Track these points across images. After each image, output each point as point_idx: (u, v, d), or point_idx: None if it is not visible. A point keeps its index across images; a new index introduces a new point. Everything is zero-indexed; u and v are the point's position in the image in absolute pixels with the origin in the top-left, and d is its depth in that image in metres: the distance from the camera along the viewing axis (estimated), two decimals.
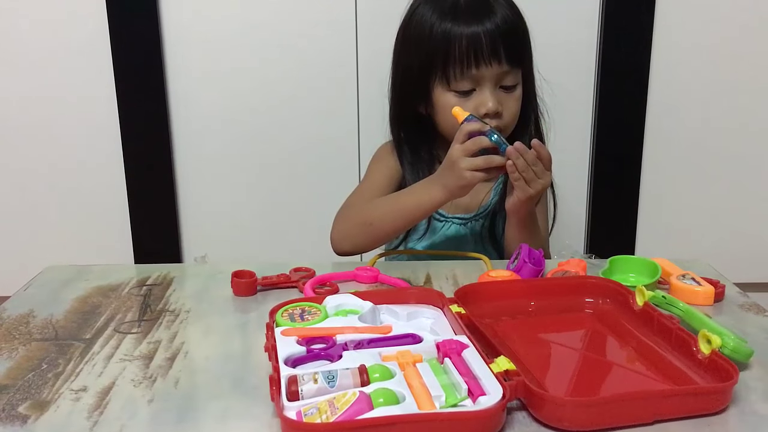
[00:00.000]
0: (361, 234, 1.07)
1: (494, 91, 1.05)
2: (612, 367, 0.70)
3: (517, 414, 0.61)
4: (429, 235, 1.15)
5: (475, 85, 1.05)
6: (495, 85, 1.05)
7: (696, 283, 0.85)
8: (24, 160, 1.56)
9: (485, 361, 0.63)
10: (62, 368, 0.70)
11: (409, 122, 1.13)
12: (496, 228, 1.16)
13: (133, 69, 1.50)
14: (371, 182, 1.15)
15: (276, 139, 1.55)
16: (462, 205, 1.14)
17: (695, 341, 0.67)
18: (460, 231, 1.15)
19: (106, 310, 0.84)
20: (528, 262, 0.89)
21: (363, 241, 1.07)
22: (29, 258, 1.46)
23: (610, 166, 1.56)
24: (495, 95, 1.05)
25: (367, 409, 0.57)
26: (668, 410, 0.60)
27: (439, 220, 1.15)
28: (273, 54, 1.50)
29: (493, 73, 1.04)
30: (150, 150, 1.54)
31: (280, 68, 1.51)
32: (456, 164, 0.96)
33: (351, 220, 1.09)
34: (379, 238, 1.08)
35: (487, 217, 1.15)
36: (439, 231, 1.14)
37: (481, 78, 1.04)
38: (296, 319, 0.74)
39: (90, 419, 0.61)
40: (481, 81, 1.04)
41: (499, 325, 0.77)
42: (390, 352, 0.67)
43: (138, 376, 0.69)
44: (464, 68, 1.03)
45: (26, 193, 1.58)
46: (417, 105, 1.11)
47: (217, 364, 0.71)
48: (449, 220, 1.14)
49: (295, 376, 0.61)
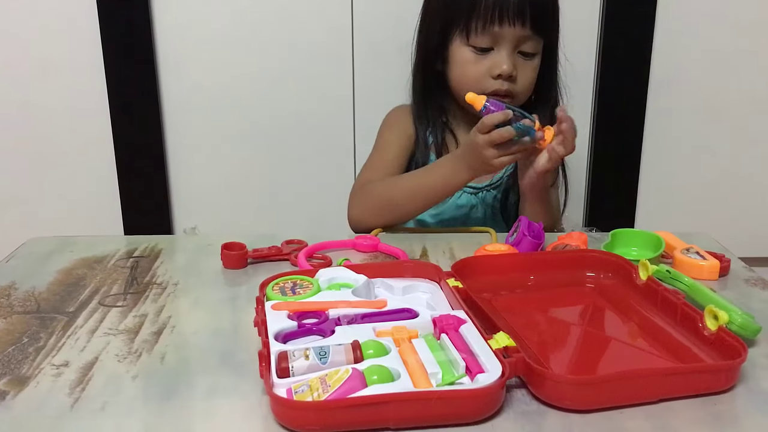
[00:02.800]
0: (384, 214, 1.04)
1: (512, 53, 1.03)
2: (615, 344, 0.68)
3: (516, 392, 0.59)
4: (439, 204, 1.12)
5: (493, 43, 1.03)
6: (514, 48, 1.03)
7: (700, 257, 0.82)
8: (10, 131, 1.52)
9: (483, 338, 0.61)
10: (44, 342, 0.68)
11: (429, 82, 1.12)
12: (508, 200, 1.13)
13: (122, 40, 1.45)
14: (384, 154, 1.13)
15: (268, 109, 1.51)
16: None
17: (701, 317, 0.65)
18: (471, 200, 1.12)
19: (91, 282, 0.82)
20: (527, 235, 0.87)
21: (386, 221, 1.04)
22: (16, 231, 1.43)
23: (611, 136, 1.53)
24: (512, 58, 1.03)
25: (361, 387, 0.54)
26: (674, 388, 0.57)
27: None
28: (265, 24, 1.46)
29: (515, 34, 1.01)
30: (140, 119, 1.50)
31: (273, 38, 1.46)
32: (483, 155, 0.93)
33: (372, 200, 1.06)
34: (404, 218, 1.06)
35: (499, 189, 1.12)
36: (450, 200, 1.11)
37: (501, 37, 1.02)
38: (287, 292, 0.71)
39: (71, 396, 0.59)
40: (501, 41, 1.02)
41: (497, 300, 0.75)
42: (385, 328, 0.64)
43: (122, 351, 0.66)
44: (486, 24, 1.01)
45: (13, 164, 1.54)
46: (435, 61, 1.09)
47: (204, 339, 0.69)
48: (461, 189, 1.11)
49: (285, 352, 0.59)
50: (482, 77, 1.04)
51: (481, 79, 1.04)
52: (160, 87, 1.49)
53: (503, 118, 0.92)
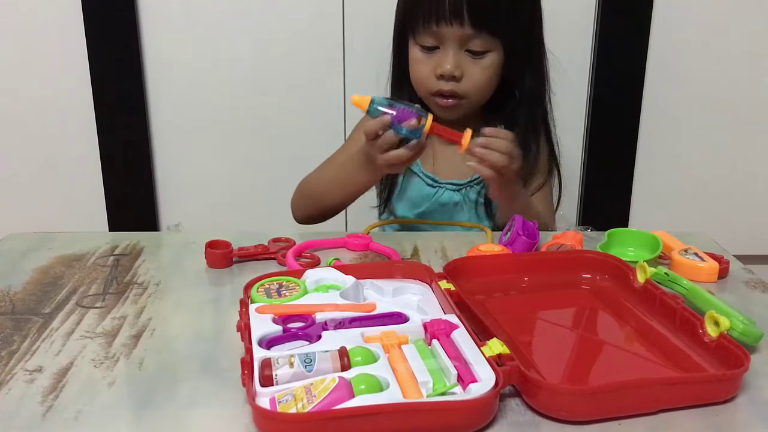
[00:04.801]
0: (309, 206, 1.07)
1: (458, 53, 1.00)
2: (612, 350, 0.65)
3: (509, 401, 0.56)
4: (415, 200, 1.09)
5: (438, 42, 1.00)
6: (459, 47, 1.00)
7: (699, 258, 0.80)
8: None
9: (476, 344, 0.58)
10: (17, 346, 0.65)
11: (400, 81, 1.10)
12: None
13: (106, 35, 1.42)
14: (341, 152, 1.12)
15: (256, 105, 1.48)
16: (455, 170, 1.08)
17: (701, 323, 0.63)
18: (454, 198, 1.09)
19: (69, 281, 0.79)
20: (522, 235, 0.84)
21: (312, 213, 1.07)
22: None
23: (605, 133, 1.50)
24: (456, 57, 1.00)
25: (348, 397, 0.52)
26: (673, 399, 0.55)
27: (432, 186, 1.09)
28: (254, 19, 1.43)
29: (455, 33, 0.98)
30: (125, 114, 1.47)
31: (261, 34, 1.43)
32: (375, 160, 0.91)
33: (300, 191, 1.10)
34: (327, 210, 1.06)
35: (483, 184, 1.09)
36: (432, 197, 1.09)
37: (443, 36, 0.99)
38: (273, 294, 0.68)
39: (43, 404, 0.56)
40: (444, 40, 1.00)
41: (490, 303, 0.72)
42: (373, 333, 0.61)
43: (99, 355, 0.63)
44: (426, 23, 0.99)
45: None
46: (400, 60, 1.08)
47: (186, 344, 0.66)
48: (442, 186, 1.08)
49: (269, 359, 0.56)
50: (428, 76, 1.02)
51: (428, 78, 1.02)
52: (145, 81, 1.46)
53: (380, 126, 0.87)
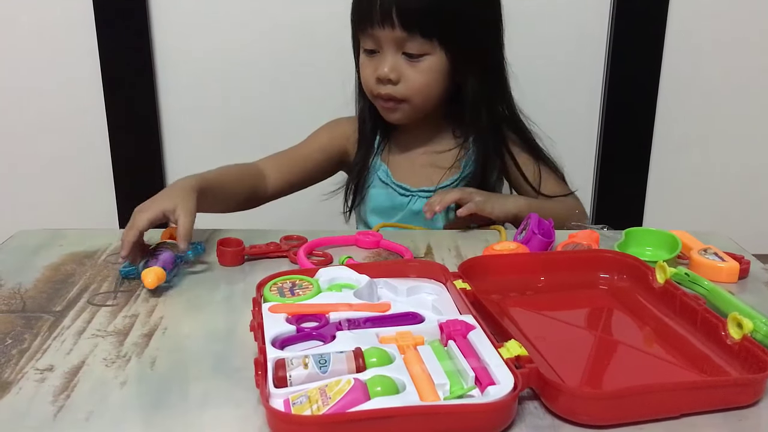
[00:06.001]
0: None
1: (394, 56, 0.98)
2: (631, 352, 0.64)
3: (528, 404, 0.55)
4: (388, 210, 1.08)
5: (377, 46, 0.99)
6: (396, 50, 0.98)
7: (719, 258, 0.79)
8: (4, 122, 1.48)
9: (494, 345, 0.57)
10: (28, 344, 0.64)
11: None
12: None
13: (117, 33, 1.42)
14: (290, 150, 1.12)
15: (267, 102, 1.47)
16: (425, 178, 1.07)
17: (724, 324, 0.61)
18: None
19: (80, 279, 0.78)
20: (537, 234, 0.83)
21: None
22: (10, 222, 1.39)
23: (619, 132, 1.48)
24: (392, 61, 0.98)
25: (363, 400, 0.51)
26: (697, 403, 0.54)
27: (404, 195, 1.08)
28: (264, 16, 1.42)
29: (390, 36, 0.97)
30: (136, 111, 1.47)
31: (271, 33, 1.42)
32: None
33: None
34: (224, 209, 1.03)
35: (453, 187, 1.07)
36: (406, 207, 1.07)
37: (380, 40, 0.98)
38: (286, 293, 0.67)
39: (55, 404, 0.55)
40: (381, 43, 0.99)
41: (506, 302, 0.71)
42: (388, 333, 0.60)
43: (111, 354, 0.63)
44: (364, 27, 0.99)
45: (8, 156, 1.50)
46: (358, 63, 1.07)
47: (198, 343, 0.65)
48: (414, 194, 1.07)
49: (283, 359, 0.55)
50: (370, 80, 1.01)
51: (370, 81, 1.01)
52: (157, 79, 1.46)
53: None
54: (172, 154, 1.50)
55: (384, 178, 1.08)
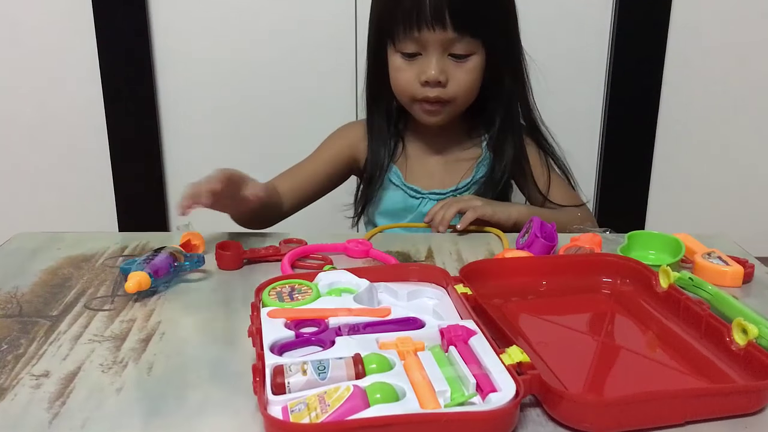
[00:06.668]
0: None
1: (441, 58, 0.97)
2: (634, 358, 0.63)
3: (530, 411, 0.54)
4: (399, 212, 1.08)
5: (420, 48, 0.97)
6: (443, 52, 0.97)
7: (723, 262, 0.78)
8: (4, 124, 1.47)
9: (495, 351, 0.56)
10: (24, 349, 0.63)
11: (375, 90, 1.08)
12: None
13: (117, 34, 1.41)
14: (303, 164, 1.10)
15: (267, 104, 1.46)
16: (437, 181, 1.07)
17: (728, 330, 0.60)
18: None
19: (77, 283, 0.77)
20: (540, 237, 0.82)
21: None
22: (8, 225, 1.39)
23: (622, 134, 1.48)
24: (441, 63, 0.97)
25: (363, 407, 0.50)
26: (701, 410, 0.53)
27: (415, 197, 1.07)
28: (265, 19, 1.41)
29: (438, 38, 0.95)
30: (135, 114, 1.46)
31: (273, 35, 1.42)
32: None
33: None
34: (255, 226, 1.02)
35: (467, 194, 1.07)
36: (416, 209, 1.07)
37: (425, 42, 0.96)
38: (285, 298, 0.67)
39: (50, 410, 0.55)
40: (426, 45, 0.97)
41: (508, 307, 0.70)
42: (388, 339, 0.60)
43: (107, 360, 0.62)
44: (407, 29, 0.96)
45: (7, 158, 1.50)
46: (377, 68, 1.05)
47: (196, 348, 0.64)
48: (426, 197, 1.06)
49: (281, 366, 0.54)
50: (412, 84, 0.99)
51: (412, 85, 1.00)
52: (156, 81, 1.45)
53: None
54: (171, 155, 1.50)
55: (395, 181, 1.08)
